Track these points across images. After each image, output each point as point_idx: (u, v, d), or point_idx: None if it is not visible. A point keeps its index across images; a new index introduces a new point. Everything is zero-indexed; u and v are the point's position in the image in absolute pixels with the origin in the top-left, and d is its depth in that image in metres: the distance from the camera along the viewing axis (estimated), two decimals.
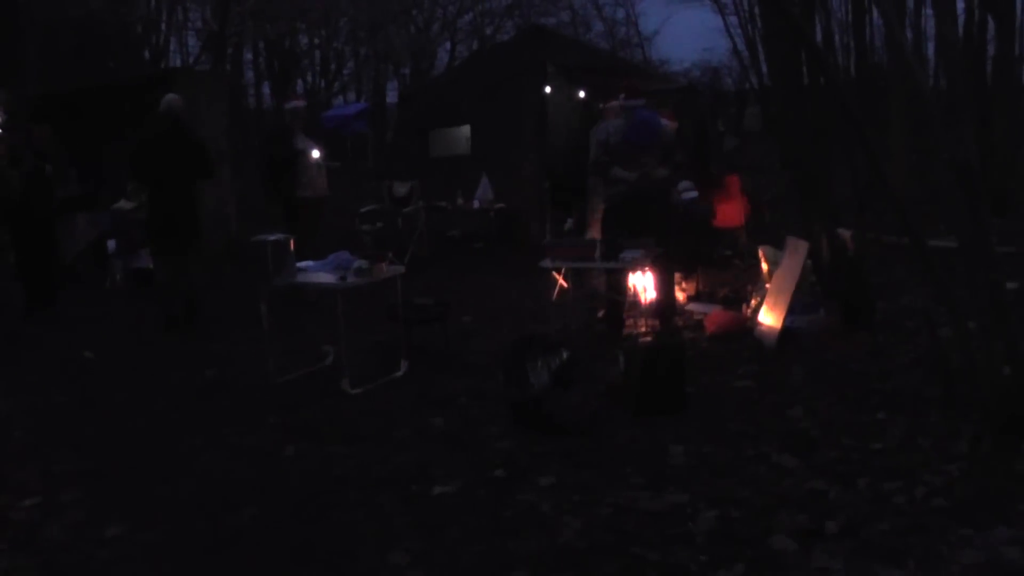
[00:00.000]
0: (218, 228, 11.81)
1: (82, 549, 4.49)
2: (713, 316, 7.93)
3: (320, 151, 10.03)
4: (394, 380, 6.98)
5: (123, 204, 11.78)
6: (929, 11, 14.85)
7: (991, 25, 14.24)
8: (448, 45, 35.69)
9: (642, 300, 7.98)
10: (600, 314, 8.39)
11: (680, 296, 8.49)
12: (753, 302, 7.98)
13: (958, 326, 5.08)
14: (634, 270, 7.80)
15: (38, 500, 5.05)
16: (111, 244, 11.70)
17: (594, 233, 9.55)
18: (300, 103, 10.12)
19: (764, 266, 8.25)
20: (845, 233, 7.79)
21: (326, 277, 6.97)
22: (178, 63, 28.12)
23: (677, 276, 8.19)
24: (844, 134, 8.82)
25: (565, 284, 8.63)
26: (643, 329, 7.79)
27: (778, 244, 8.11)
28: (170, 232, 8.77)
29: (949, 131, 4.53)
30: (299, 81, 33.69)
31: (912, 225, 5.26)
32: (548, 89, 13.27)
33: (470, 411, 6.17)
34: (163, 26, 27.50)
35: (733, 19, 29.90)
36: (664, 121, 8.11)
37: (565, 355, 5.87)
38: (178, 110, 8.78)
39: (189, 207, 8.83)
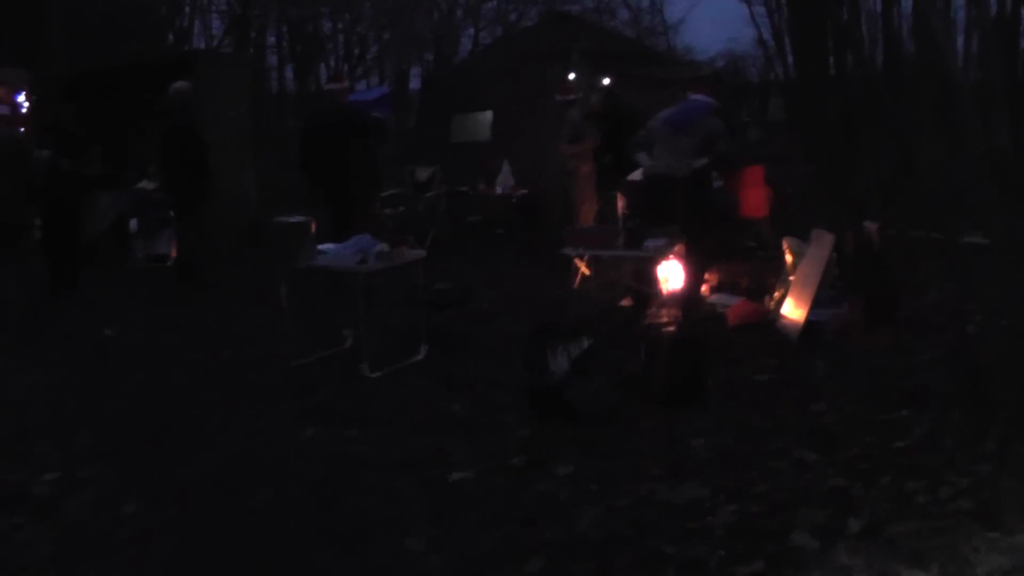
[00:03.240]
0: (238, 209, 11.81)
1: (100, 525, 4.50)
2: (735, 308, 7.86)
3: None
4: (413, 365, 6.95)
5: (145, 184, 11.81)
6: (960, 1, 14.67)
7: None
8: (471, 31, 35.56)
9: (664, 290, 7.91)
10: (623, 302, 8.33)
11: (703, 287, 8.42)
12: (776, 294, 7.90)
13: (987, 323, 5.01)
14: (657, 259, 7.74)
15: (57, 475, 5.07)
16: (133, 224, 11.74)
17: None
18: (342, 84, 9.98)
19: (788, 258, 8.16)
20: (871, 226, 7.69)
21: (347, 260, 6.95)
22: (202, 46, 28.13)
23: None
24: (871, 125, 8.72)
25: (587, 271, 8.58)
26: (665, 319, 7.73)
27: (802, 236, 8.02)
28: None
29: (983, 123, 4.46)
30: (322, 65, 33.64)
31: (942, 219, 5.19)
32: (572, 76, 13.19)
33: (489, 397, 6.14)
34: (187, 8, 27.54)
35: (759, 8, 29.66)
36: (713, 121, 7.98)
37: (585, 343, 5.83)
38: (185, 97, 8.92)
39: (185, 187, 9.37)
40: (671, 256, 7.62)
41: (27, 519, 4.56)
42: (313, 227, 7.15)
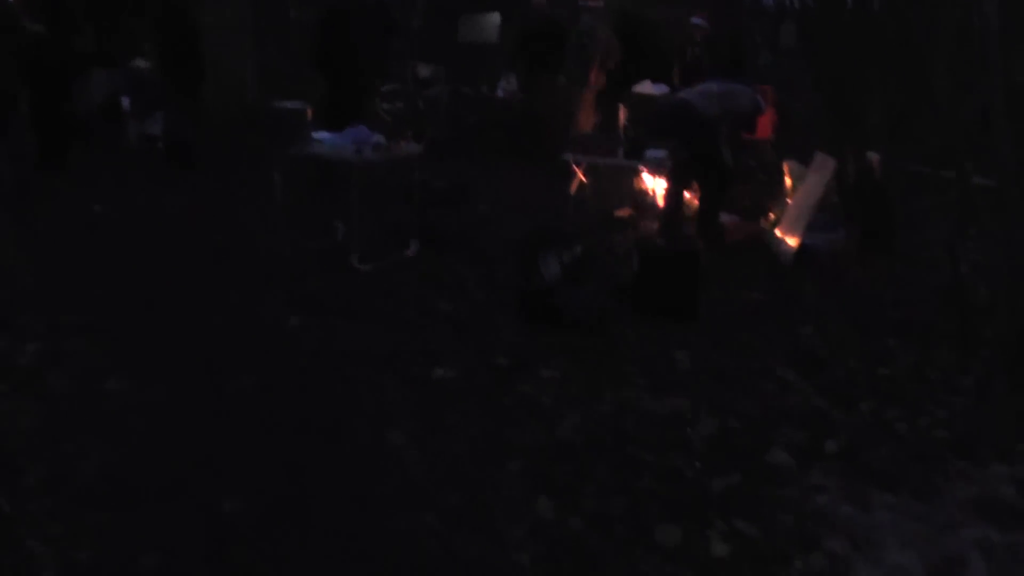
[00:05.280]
0: (235, 94, 11.60)
1: (84, 399, 4.51)
2: (731, 226, 7.83)
3: None
4: (404, 261, 6.92)
5: (140, 63, 11.57)
6: None
7: None
8: None
9: (661, 203, 7.87)
10: (620, 212, 8.28)
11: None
12: (773, 216, 7.86)
13: (983, 262, 4.99)
14: (656, 172, 7.67)
15: (42, 347, 5.05)
16: (126, 102, 11.53)
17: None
18: None
19: (788, 181, 8.10)
20: (873, 157, 7.62)
21: (343, 150, 6.85)
22: None
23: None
24: (884, 56, 8.56)
25: (584, 179, 8.51)
26: (660, 232, 7.69)
27: (804, 160, 7.95)
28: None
29: (1006, 53, 4.37)
30: None
31: (948, 156, 5.13)
32: None
33: (478, 297, 6.13)
34: None
35: None
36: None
37: (579, 250, 5.81)
38: None
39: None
40: (676, 172, 7.54)
41: (10, 389, 4.55)
42: (310, 114, 7.01)
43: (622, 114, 9.64)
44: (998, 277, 4.94)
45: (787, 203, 7.72)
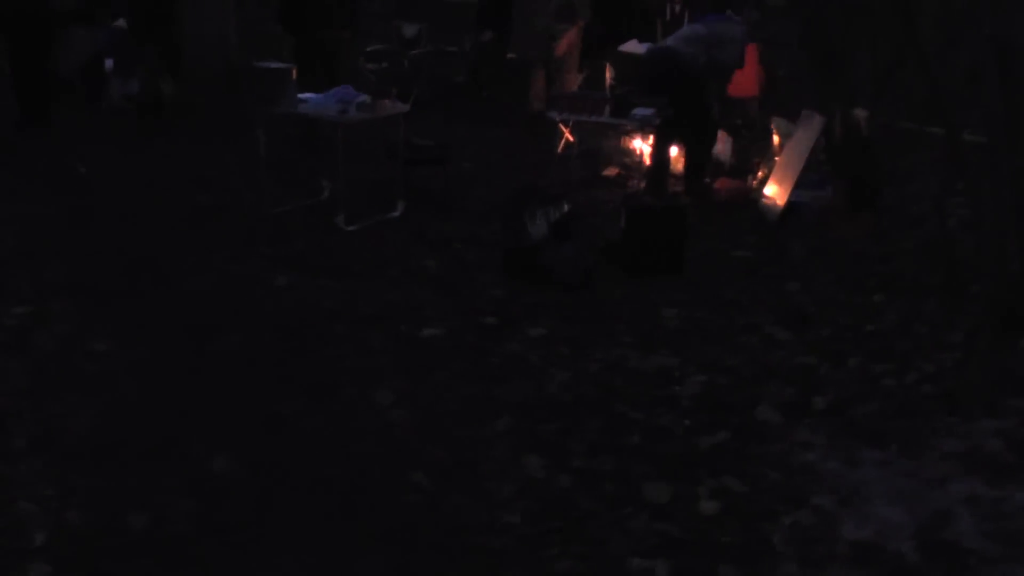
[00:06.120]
0: (214, 52, 11.47)
1: (70, 360, 4.50)
2: (718, 184, 7.80)
3: None
4: (390, 220, 6.88)
5: (122, 22, 11.41)
6: None
7: None
8: None
9: (648, 161, 7.84)
10: (607, 172, 8.25)
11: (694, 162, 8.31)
12: (760, 174, 7.84)
13: (972, 217, 4.99)
14: (643, 130, 7.63)
15: (28, 309, 5.03)
16: (109, 63, 11.39)
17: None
18: None
19: (775, 138, 8.07)
20: (860, 113, 7.59)
21: (327, 110, 6.79)
22: None
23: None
24: (871, 11, 8.51)
25: (571, 138, 8.46)
26: (647, 189, 7.67)
27: (792, 118, 7.91)
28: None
29: (992, 6, 4.34)
30: None
31: (935, 112, 5.11)
32: None
33: (464, 256, 6.10)
34: None
35: None
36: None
37: (565, 208, 5.79)
38: None
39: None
40: (663, 130, 7.50)
41: None
42: (294, 74, 6.94)
43: (608, 72, 9.56)
44: (985, 232, 4.93)
45: (774, 161, 7.69)
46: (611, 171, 8.33)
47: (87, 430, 3.89)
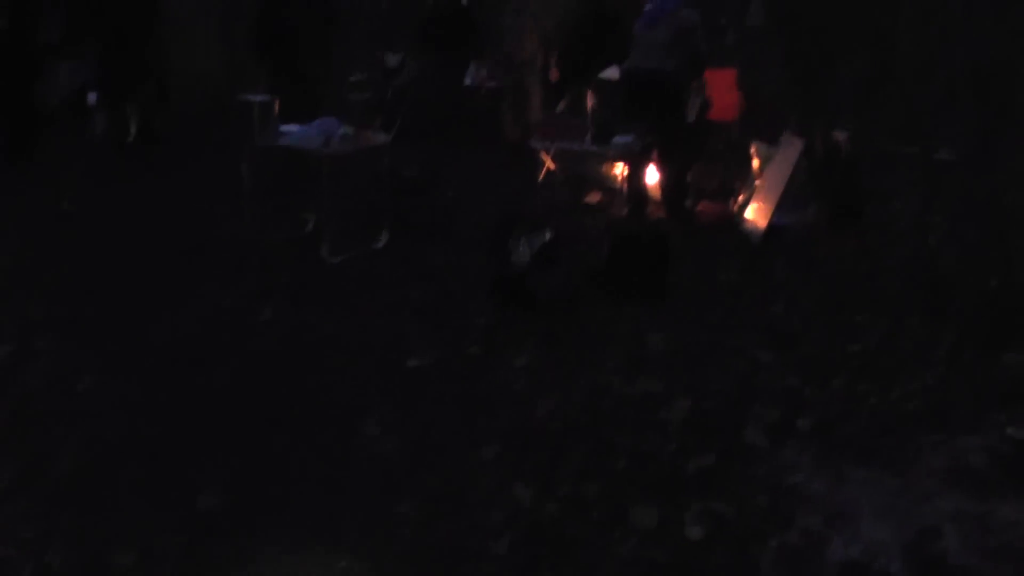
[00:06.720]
0: (201, 85, 11.51)
1: (55, 399, 4.49)
2: (700, 207, 7.85)
3: None
4: (375, 250, 6.90)
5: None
6: None
7: None
8: None
9: (629, 187, 7.87)
10: (589, 198, 8.28)
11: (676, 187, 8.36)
12: (742, 197, 7.89)
13: (951, 234, 5.04)
14: (623, 157, 7.68)
15: (13, 347, 5.02)
16: (92, 96, 11.40)
17: None
18: None
19: (756, 162, 8.12)
20: (840, 134, 7.65)
21: (311, 141, 6.81)
22: None
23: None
24: (850, 33, 8.61)
25: (552, 165, 8.50)
26: (629, 214, 7.70)
27: (772, 141, 7.97)
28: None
29: (966, 31, 4.40)
30: None
31: (914, 131, 5.17)
32: None
33: (450, 285, 6.11)
34: None
35: None
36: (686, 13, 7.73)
37: (549, 235, 5.81)
38: None
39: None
40: (644, 156, 7.55)
41: None
42: (277, 106, 6.97)
43: (589, 99, 9.61)
44: (965, 249, 4.98)
45: (755, 183, 7.74)
46: (594, 197, 8.37)
47: (71, 468, 3.87)
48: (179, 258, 6.64)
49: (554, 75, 10.24)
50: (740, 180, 8.22)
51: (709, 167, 8.95)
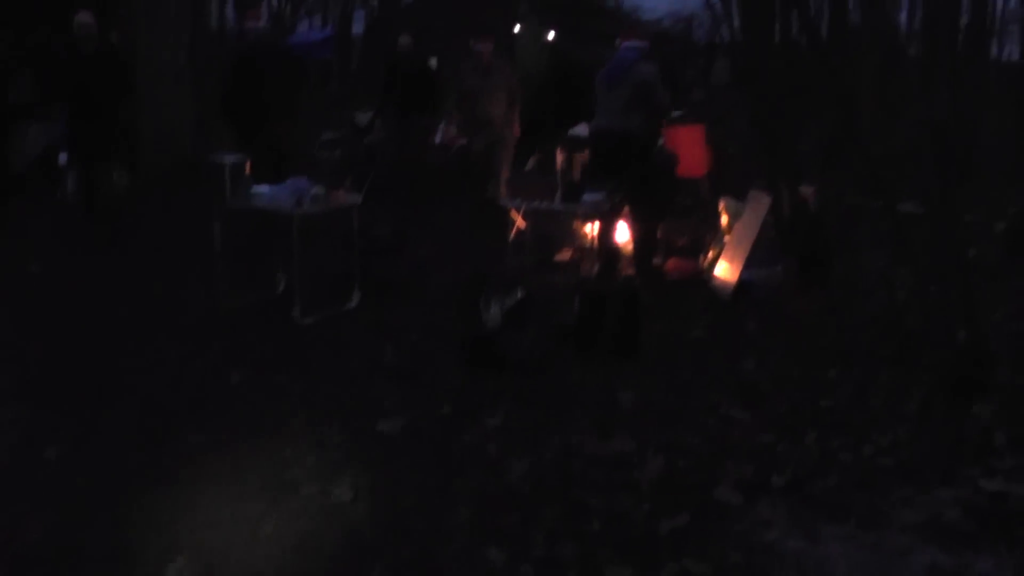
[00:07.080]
0: (172, 146, 11.55)
1: (21, 470, 4.41)
2: (669, 264, 7.91)
3: None
4: (346, 311, 6.88)
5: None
6: None
7: None
8: None
9: (599, 245, 7.93)
10: (560, 256, 8.32)
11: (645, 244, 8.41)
12: (711, 253, 7.95)
13: (917, 288, 5.10)
14: (593, 216, 7.73)
15: None
16: (63, 157, 11.37)
17: None
18: (260, 22, 9.65)
19: (724, 218, 8.20)
20: (807, 190, 7.76)
21: (282, 202, 6.82)
22: None
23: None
24: (814, 91, 8.78)
25: (522, 223, 8.55)
26: (599, 273, 7.74)
27: (740, 197, 8.06)
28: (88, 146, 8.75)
29: (924, 93, 4.51)
30: (264, 3, 32.89)
31: (879, 186, 5.25)
32: (518, 27, 13.04)
33: (421, 345, 6.10)
34: None
35: None
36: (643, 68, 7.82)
37: (519, 294, 5.83)
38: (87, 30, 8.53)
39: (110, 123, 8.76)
40: (613, 214, 7.61)
41: None
42: (248, 167, 6.99)
43: (559, 157, 9.70)
44: (930, 302, 5.04)
45: (724, 240, 7.81)
46: (564, 255, 8.42)
47: (41, 539, 3.80)
48: (148, 321, 6.59)
49: (520, 133, 10.30)
50: (709, 236, 8.29)
51: (678, 223, 9.03)
